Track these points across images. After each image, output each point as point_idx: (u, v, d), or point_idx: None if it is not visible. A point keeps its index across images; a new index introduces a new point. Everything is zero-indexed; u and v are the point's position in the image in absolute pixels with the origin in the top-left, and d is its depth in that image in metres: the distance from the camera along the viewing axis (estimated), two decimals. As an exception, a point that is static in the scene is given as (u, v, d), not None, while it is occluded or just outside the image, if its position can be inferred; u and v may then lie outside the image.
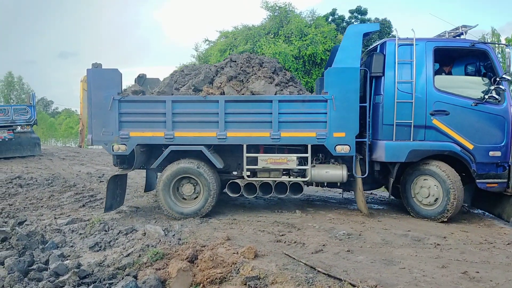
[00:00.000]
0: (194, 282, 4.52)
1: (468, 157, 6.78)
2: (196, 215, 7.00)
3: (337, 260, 4.97)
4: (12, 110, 15.52)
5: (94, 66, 7.08)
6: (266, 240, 5.79)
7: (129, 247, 5.50)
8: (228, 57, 8.23)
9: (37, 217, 7.22)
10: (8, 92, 56.84)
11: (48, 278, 4.57)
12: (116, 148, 7.00)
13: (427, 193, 6.93)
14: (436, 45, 6.93)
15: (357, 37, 6.92)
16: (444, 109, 6.77)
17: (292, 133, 6.88)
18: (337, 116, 6.79)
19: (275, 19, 29.05)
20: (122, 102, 6.95)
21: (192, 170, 7.01)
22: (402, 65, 6.87)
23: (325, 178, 7.18)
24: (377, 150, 7.02)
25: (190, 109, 6.96)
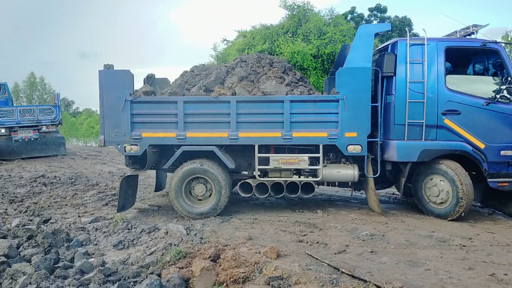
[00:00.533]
0: (217, 281, 4.52)
1: (479, 157, 6.80)
2: (208, 215, 7.02)
3: (360, 261, 4.91)
4: (37, 110, 15.82)
5: (105, 67, 7.11)
6: (288, 240, 5.77)
7: (152, 246, 5.54)
8: (238, 57, 8.24)
9: (61, 215, 7.34)
10: (30, 92, 58.10)
11: (74, 276, 4.63)
12: (128, 149, 7.05)
13: (437, 192, 6.95)
14: (447, 44, 6.94)
15: (369, 37, 6.91)
16: (456, 109, 6.80)
17: (304, 133, 6.90)
18: (349, 116, 6.80)
19: (294, 18, 28.98)
20: (134, 103, 7.00)
21: (204, 170, 7.03)
22: (413, 65, 6.88)
23: (337, 178, 7.21)
24: (388, 149, 7.03)
25: (201, 110, 6.99)
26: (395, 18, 40.91)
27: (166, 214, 7.35)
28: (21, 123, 15.29)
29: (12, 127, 15.14)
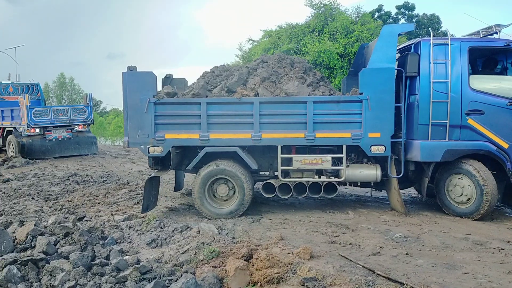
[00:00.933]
0: (251, 281, 4.54)
1: (503, 156, 6.77)
2: (232, 216, 7.03)
3: (396, 263, 4.84)
4: (70, 110, 16.19)
5: (129, 69, 7.14)
6: (320, 241, 5.73)
7: (184, 244, 5.59)
8: (259, 57, 8.22)
9: (95, 213, 7.49)
10: (60, 92, 59.57)
11: (110, 273, 4.71)
12: (152, 150, 7.08)
13: (460, 192, 6.93)
14: (471, 44, 6.92)
15: (392, 37, 6.88)
16: (479, 109, 6.78)
17: (327, 134, 6.88)
18: (372, 116, 6.77)
19: (320, 17, 28.84)
20: (157, 105, 7.03)
21: (227, 171, 7.04)
22: (437, 65, 6.86)
23: (359, 178, 7.21)
24: (412, 150, 7.00)
25: (224, 111, 7.00)
26: (423, 16, 40.17)
27: (197, 213, 7.39)
28: (54, 123, 15.67)
29: (46, 126, 15.54)
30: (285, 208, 7.70)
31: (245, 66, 7.97)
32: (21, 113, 15.08)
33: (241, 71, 7.55)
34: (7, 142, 16.17)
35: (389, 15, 40.28)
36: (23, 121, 15.04)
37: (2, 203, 8.42)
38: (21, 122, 15.19)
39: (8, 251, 5.34)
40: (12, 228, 6.19)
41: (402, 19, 41.14)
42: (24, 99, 14.86)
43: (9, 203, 8.42)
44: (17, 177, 11.56)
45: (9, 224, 6.64)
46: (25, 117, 14.87)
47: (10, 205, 8.21)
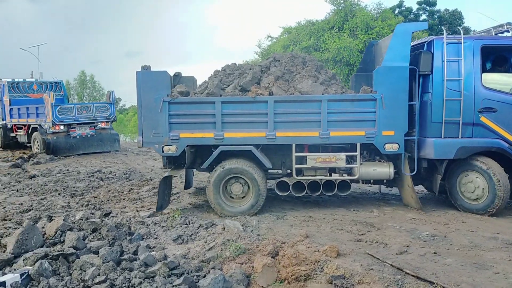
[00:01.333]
0: (279, 278, 4.55)
1: None
2: (246, 214, 7.03)
3: (424, 262, 4.80)
4: (94, 108, 16.45)
5: (143, 69, 7.12)
6: (345, 239, 5.71)
7: (210, 241, 5.63)
8: (271, 56, 8.22)
9: (120, 209, 7.60)
10: (81, 90, 60.52)
11: (139, 268, 4.77)
12: (166, 149, 7.09)
13: (473, 188, 7.01)
14: (484, 43, 6.96)
15: (406, 36, 6.92)
16: (492, 106, 6.85)
17: (341, 132, 6.91)
18: (386, 114, 6.82)
19: (340, 13, 28.62)
20: (172, 104, 7.02)
21: (242, 170, 7.06)
22: (450, 63, 6.90)
23: (373, 175, 7.27)
24: (425, 147, 7.05)
25: (239, 110, 7.01)
26: (445, 11, 39.50)
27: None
28: (78, 120, 15.92)
29: (70, 124, 15.81)
30: (309, 206, 7.69)
31: (257, 64, 7.95)
32: (46, 110, 15.36)
33: (255, 70, 7.55)
34: (32, 139, 16.50)
35: (410, 11, 39.73)
36: (48, 119, 15.32)
37: (30, 199, 8.62)
38: (46, 119, 15.47)
39: (38, 245, 5.47)
40: (41, 223, 6.33)
41: (423, 14, 40.54)
42: (49, 97, 15.13)
43: (36, 198, 8.61)
44: (43, 173, 11.80)
45: (38, 219, 6.81)
46: (50, 115, 15.14)
47: (38, 200, 8.39)
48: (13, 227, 6.33)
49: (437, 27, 38.67)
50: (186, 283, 4.24)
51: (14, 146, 18.54)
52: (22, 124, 17.36)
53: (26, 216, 7.12)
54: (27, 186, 9.99)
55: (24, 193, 9.30)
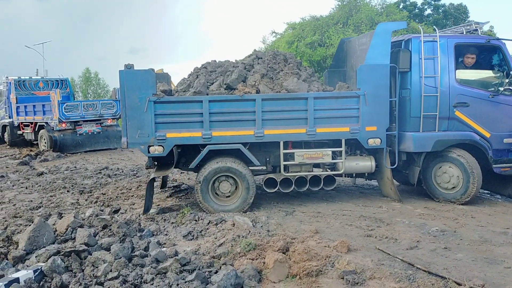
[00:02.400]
0: (290, 274, 4.56)
1: (486, 145, 7.31)
2: (236, 212, 7.01)
3: (434, 257, 4.81)
4: (100, 105, 16.50)
5: (126, 67, 6.88)
6: (355, 234, 5.73)
7: (220, 237, 5.65)
8: (253, 54, 8.22)
9: (129, 206, 7.65)
10: (86, 87, 60.65)
11: (151, 264, 4.81)
12: (152, 150, 6.94)
13: (448, 179, 7.43)
14: (457, 41, 7.38)
15: (387, 35, 7.18)
16: (465, 101, 7.27)
17: (327, 129, 7.09)
18: (369, 111, 7.06)
19: (344, 8, 28.53)
20: (157, 103, 6.87)
21: (231, 168, 7.06)
22: (427, 61, 7.25)
23: (355, 169, 7.52)
24: (405, 141, 7.39)
25: (227, 108, 6.98)
26: (450, 6, 39.26)
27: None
28: (85, 117, 15.99)
29: (77, 121, 15.87)
30: (317, 201, 7.71)
31: (241, 62, 7.92)
32: (53, 108, 15.43)
33: (240, 68, 7.53)
34: (39, 136, 16.59)
35: (414, 6, 39.52)
36: (54, 116, 15.38)
37: (39, 196, 8.68)
38: (52, 116, 15.54)
39: (49, 242, 5.51)
40: (52, 220, 6.37)
41: (428, 9, 40.32)
42: (55, 94, 15.19)
43: (46, 195, 8.67)
44: (51, 171, 11.87)
45: (49, 216, 6.84)
46: (57, 112, 15.21)
47: (47, 197, 8.45)
48: (24, 224, 6.37)
49: (442, 21, 38.46)
50: (198, 279, 4.26)
51: (21, 143, 18.64)
52: (28, 121, 17.45)
53: (36, 213, 7.17)
54: (36, 183, 10.06)
55: (33, 190, 9.36)
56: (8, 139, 19.25)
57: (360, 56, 7.82)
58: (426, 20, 37.00)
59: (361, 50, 7.82)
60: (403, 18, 28.88)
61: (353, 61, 8.25)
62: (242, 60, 8.04)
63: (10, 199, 8.52)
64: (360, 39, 7.94)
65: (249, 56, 8.14)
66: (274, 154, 7.38)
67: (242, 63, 7.79)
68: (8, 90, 18.39)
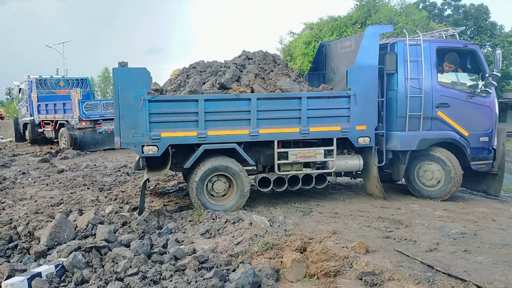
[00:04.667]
0: (308, 274, 4.57)
1: (465, 143, 7.68)
2: (230, 211, 6.98)
3: (454, 260, 4.75)
4: (118, 104, 16.71)
5: (120, 65, 6.69)
6: (373, 235, 5.69)
7: (237, 236, 5.68)
8: (242, 54, 8.23)
9: (148, 203, 7.73)
10: (104, 86, 61.52)
11: (169, 261, 4.86)
12: (146, 150, 6.80)
13: (430, 176, 7.76)
14: (438, 45, 7.75)
15: (375, 37, 7.41)
16: (446, 102, 7.63)
17: (320, 128, 7.26)
18: (359, 110, 7.29)
19: (363, 9, 28.32)
20: (152, 102, 6.75)
21: (227, 167, 7.05)
22: (412, 63, 7.54)
23: (345, 168, 7.73)
24: (392, 140, 7.66)
25: (222, 108, 6.98)
26: (470, 6, 38.64)
27: (249, 203, 7.48)
28: (104, 116, 16.23)
29: (96, 119, 16.12)
30: (334, 202, 7.68)
31: (232, 62, 7.91)
32: (73, 106, 15.70)
33: (234, 68, 7.55)
34: (60, 134, 16.89)
35: (434, 6, 39.02)
36: (75, 114, 15.66)
37: (60, 193, 8.84)
38: (73, 115, 15.82)
39: (70, 238, 5.62)
40: (73, 217, 6.49)
41: (448, 9, 39.76)
42: (76, 93, 15.44)
43: (66, 192, 8.82)
44: (71, 168, 12.07)
45: (69, 212, 6.98)
46: (77, 111, 15.47)
47: (68, 194, 8.60)
48: (45, 220, 6.49)
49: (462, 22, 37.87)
50: (216, 277, 4.29)
51: (41, 141, 19.02)
52: (49, 120, 17.78)
53: (57, 209, 7.30)
54: (56, 180, 10.24)
55: (54, 187, 9.53)
56: (29, 136, 19.66)
57: (343, 58, 8.16)
58: (445, 20, 36.50)
59: (344, 53, 8.18)
60: (423, 18, 28.54)
61: (333, 64, 8.63)
62: (233, 60, 8.06)
63: (32, 195, 8.70)
64: (343, 43, 8.30)
65: (239, 57, 8.16)
66: (265, 154, 7.48)
67: (233, 63, 7.80)
68: (30, 89, 18.77)
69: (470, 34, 39.49)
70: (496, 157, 7.87)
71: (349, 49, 7.96)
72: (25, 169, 12.02)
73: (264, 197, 8.08)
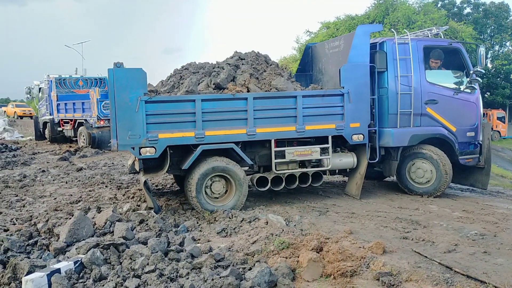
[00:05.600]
0: (324, 273, 4.55)
1: (453, 139, 7.90)
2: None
3: (473, 261, 4.68)
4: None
5: (116, 66, 6.59)
6: (390, 236, 5.64)
7: (253, 235, 5.68)
8: (235, 54, 8.23)
9: (164, 202, 7.80)
10: (122, 86, 62.01)
11: (186, 259, 4.89)
12: (144, 152, 6.71)
13: (422, 173, 7.95)
14: (424, 43, 7.97)
15: (366, 36, 7.56)
16: (434, 99, 7.87)
17: (315, 126, 7.35)
18: (353, 108, 7.41)
19: (380, 7, 28.12)
20: (149, 103, 6.67)
21: (225, 168, 7.02)
22: (401, 61, 7.72)
23: (339, 165, 7.83)
24: (384, 137, 7.80)
25: (219, 107, 6.96)
26: (490, 4, 38.03)
27: (264, 203, 7.50)
28: (121, 115, 16.40)
29: None
30: (351, 202, 7.64)
31: (225, 63, 7.91)
32: (92, 105, 15.92)
33: (229, 67, 7.55)
34: (78, 133, 17.15)
35: (453, 4, 38.49)
36: (93, 113, 15.87)
37: (79, 190, 8.97)
38: (91, 114, 16.04)
39: (89, 235, 5.70)
40: (91, 214, 6.58)
41: (467, 8, 39.17)
42: (94, 93, 15.65)
43: (85, 190, 8.95)
44: (89, 166, 12.25)
45: (88, 210, 7.07)
46: (95, 110, 15.68)
47: (86, 192, 8.73)
48: (64, 217, 6.60)
49: (482, 20, 37.25)
50: (233, 275, 4.30)
51: (61, 140, 19.33)
52: (68, 118, 18.07)
53: (76, 207, 7.41)
54: (75, 178, 10.40)
55: (73, 185, 9.69)
56: (48, 135, 20.00)
57: (332, 58, 8.28)
58: (465, 19, 35.96)
59: (333, 53, 8.28)
60: (441, 16, 28.22)
61: (321, 64, 8.75)
62: (225, 61, 8.06)
63: (51, 193, 8.86)
64: (330, 43, 8.43)
65: (231, 57, 8.17)
66: (261, 154, 7.52)
67: (227, 64, 7.81)
68: (49, 88, 19.10)
69: (490, 33, 38.83)
70: (482, 151, 8.09)
71: (337, 49, 8.10)
72: (44, 167, 12.24)
73: (280, 197, 8.08)
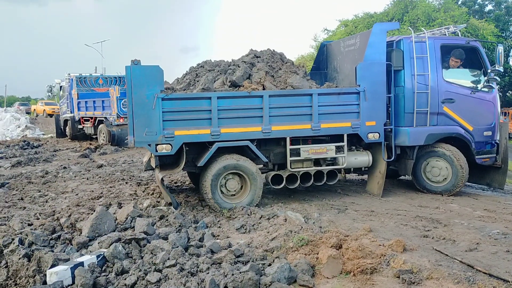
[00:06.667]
0: (344, 270, 4.55)
1: (469, 138, 7.82)
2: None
3: (496, 260, 4.62)
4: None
5: (133, 63, 6.66)
6: (411, 234, 5.60)
7: (272, 231, 5.71)
8: (250, 52, 8.21)
9: (183, 198, 7.87)
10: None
11: (206, 254, 4.95)
12: (160, 148, 6.76)
13: (438, 173, 7.88)
14: (442, 42, 7.87)
15: (383, 34, 7.52)
16: (451, 98, 7.77)
17: (331, 124, 7.29)
18: (368, 106, 7.35)
19: (399, 5, 27.79)
20: (165, 100, 6.72)
21: (241, 165, 7.03)
22: (418, 60, 7.65)
23: (355, 164, 7.80)
24: (400, 135, 7.74)
25: (235, 105, 6.97)
26: (514, 0, 37.13)
27: (282, 200, 7.51)
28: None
29: None
30: (370, 200, 7.61)
31: (241, 60, 7.91)
32: (112, 103, 16.14)
33: (245, 65, 7.56)
34: (98, 130, 17.41)
35: (474, 1, 37.76)
36: (113, 111, 16.09)
37: (100, 187, 9.13)
38: (111, 112, 16.26)
39: (110, 230, 5.80)
40: (113, 210, 6.69)
41: (489, 5, 38.40)
42: (114, 91, 15.86)
43: (106, 186, 9.10)
44: (109, 163, 12.43)
45: (109, 205, 7.19)
46: (115, 108, 15.89)
47: (107, 188, 8.87)
48: (86, 212, 6.72)
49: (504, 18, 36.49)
50: (253, 270, 4.33)
51: (81, 137, 19.66)
52: (89, 116, 18.36)
53: (97, 202, 7.54)
54: (96, 174, 10.57)
55: (94, 181, 9.85)
56: (69, 133, 20.34)
57: (347, 56, 8.22)
58: (487, 16, 35.29)
59: (348, 51, 8.24)
60: (462, 14, 27.72)
61: (336, 63, 8.71)
62: (241, 59, 8.08)
63: (73, 188, 9.03)
64: (346, 41, 8.38)
65: (247, 55, 8.18)
66: (275, 151, 7.52)
67: (242, 61, 7.83)
68: (70, 86, 19.42)
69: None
70: (499, 150, 7.99)
71: (353, 47, 8.04)
72: (66, 164, 12.46)
73: (298, 194, 8.09)
